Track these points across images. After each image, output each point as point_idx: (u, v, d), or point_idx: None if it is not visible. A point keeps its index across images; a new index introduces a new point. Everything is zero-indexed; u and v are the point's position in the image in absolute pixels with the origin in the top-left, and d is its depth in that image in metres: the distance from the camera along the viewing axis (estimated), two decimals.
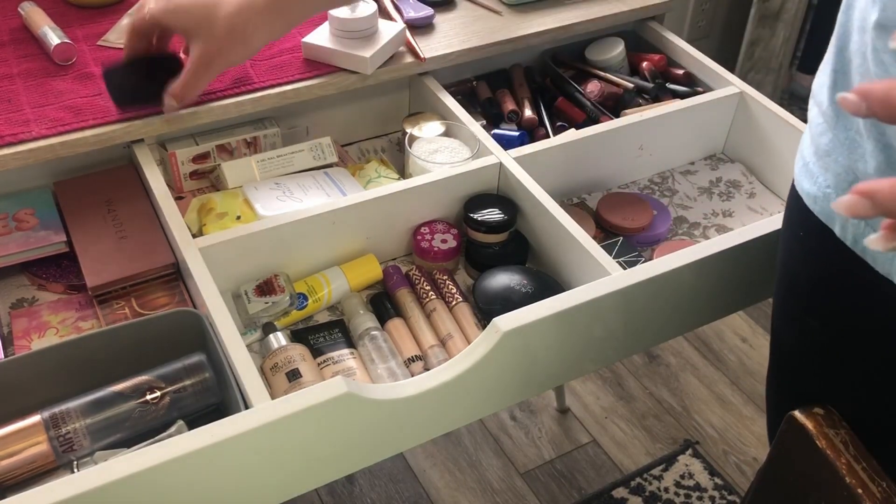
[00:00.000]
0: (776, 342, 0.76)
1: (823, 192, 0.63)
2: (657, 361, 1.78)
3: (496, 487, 1.53)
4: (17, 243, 0.86)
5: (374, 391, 0.70)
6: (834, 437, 0.62)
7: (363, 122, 1.09)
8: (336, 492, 1.52)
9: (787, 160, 1.05)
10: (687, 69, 1.15)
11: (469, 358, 0.73)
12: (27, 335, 0.81)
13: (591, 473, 1.56)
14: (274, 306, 0.83)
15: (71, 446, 0.69)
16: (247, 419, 0.64)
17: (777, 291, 0.74)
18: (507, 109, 1.08)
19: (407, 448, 0.84)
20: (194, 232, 0.89)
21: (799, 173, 0.68)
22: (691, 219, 1.04)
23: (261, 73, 0.97)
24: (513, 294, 0.85)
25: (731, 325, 1.85)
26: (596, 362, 0.87)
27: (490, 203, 0.92)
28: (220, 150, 0.97)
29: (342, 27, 0.97)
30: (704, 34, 2.29)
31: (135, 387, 0.72)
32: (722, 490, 1.53)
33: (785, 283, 0.72)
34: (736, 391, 1.72)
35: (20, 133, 0.87)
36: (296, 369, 0.76)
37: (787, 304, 0.73)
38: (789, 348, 0.74)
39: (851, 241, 0.61)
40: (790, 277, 0.71)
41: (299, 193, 0.92)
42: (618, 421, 1.65)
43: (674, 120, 1.05)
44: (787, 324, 0.73)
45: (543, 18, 1.12)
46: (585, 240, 0.85)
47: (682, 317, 0.90)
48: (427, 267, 0.92)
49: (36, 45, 1.00)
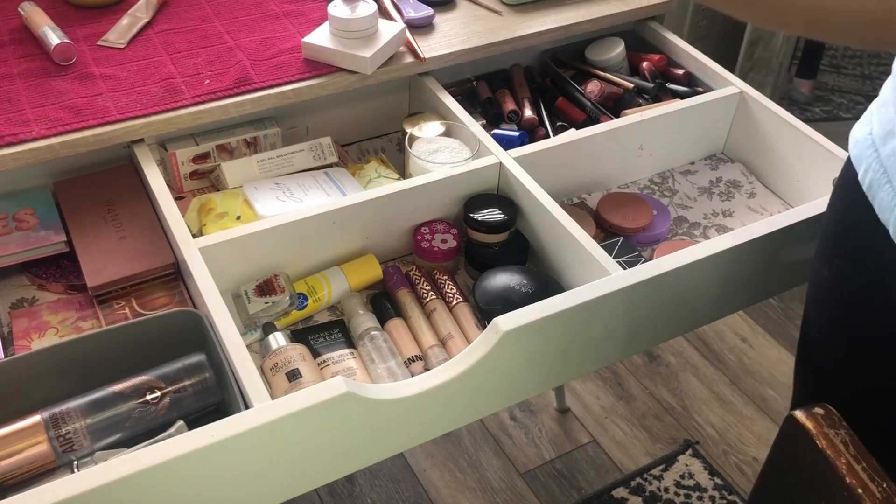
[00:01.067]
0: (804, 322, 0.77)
1: (865, 137, 0.64)
2: (657, 361, 1.77)
3: (496, 487, 1.53)
4: (17, 243, 0.86)
5: (374, 391, 0.70)
6: (834, 437, 0.62)
7: (363, 122, 1.09)
8: (336, 492, 1.52)
9: (788, 160, 1.05)
10: (687, 69, 1.15)
11: (469, 358, 0.73)
12: (27, 335, 0.81)
13: (591, 473, 1.56)
14: (274, 306, 0.83)
15: (71, 446, 0.69)
16: (247, 419, 0.64)
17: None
18: (507, 109, 1.08)
19: (407, 448, 0.84)
20: (194, 232, 0.89)
21: (859, 123, 0.68)
22: (691, 219, 1.04)
23: (261, 73, 0.97)
24: (513, 294, 0.85)
25: (731, 325, 1.85)
26: (596, 362, 0.87)
27: (490, 203, 0.92)
28: (220, 150, 0.97)
29: (342, 27, 0.97)
30: (704, 34, 2.28)
31: (135, 387, 0.72)
32: (722, 490, 1.53)
33: (817, 239, 0.73)
34: (736, 391, 1.71)
35: (20, 133, 0.87)
36: (296, 369, 0.76)
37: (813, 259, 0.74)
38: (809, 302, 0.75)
39: (867, 186, 0.62)
40: (822, 229, 0.72)
41: (299, 193, 0.92)
42: (618, 421, 1.65)
43: (674, 120, 1.05)
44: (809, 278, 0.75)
45: (543, 18, 1.12)
46: (585, 240, 0.85)
47: (682, 317, 0.90)
48: (427, 267, 0.92)
49: (36, 45, 1.00)
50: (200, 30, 1.05)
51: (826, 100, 2.39)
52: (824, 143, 1.00)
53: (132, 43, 1.02)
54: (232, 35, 1.04)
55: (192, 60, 0.99)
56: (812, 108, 2.35)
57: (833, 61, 2.55)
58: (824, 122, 2.29)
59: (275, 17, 1.08)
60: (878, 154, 0.61)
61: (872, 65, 2.55)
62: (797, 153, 1.03)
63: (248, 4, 1.11)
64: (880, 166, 0.61)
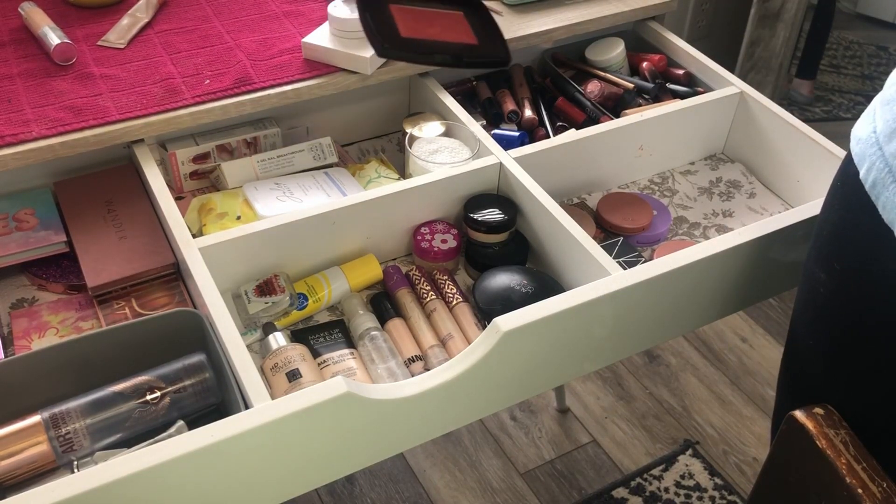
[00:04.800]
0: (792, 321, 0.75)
1: (868, 135, 0.63)
2: (657, 361, 1.77)
3: (496, 487, 1.53)
4: (17, 243, 0.86)
5: (374, 391, 0.70)
6: (834, 437, 0.62)
7: (363, 122, 1.09)
8: (336, 492, 1.52)
9: (787, 160, 1.05)
10: (687, 69, 1.15)
11: (469, 358, 0.73)
12: (27, 335, 0.81)
13: (591, 473, 1.56)
14: (274, 306, 0.83)
15: (71, 446, 0.69)
16: (247, 419, 0.64)
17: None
18: (507, 109, 1.08)
19: (407, 448, 0.84)
20: (194, 232, 0.89)
21: (860, 120, 0.67)
22: (691, 219, 1.04)
23: (261, 73, 0.97)
24: (513, 294, 0.85)
25: (731, 325, 1.85)
26: (596, 362, 0.87)
27: (490, 203, 0.92)
28: (220, 150, 0.97)
29: (342, 27, 0.97)
30: (704, 34, 2.28)
31: (135, 387, 0.72)
32: (722, 490, 1.53)
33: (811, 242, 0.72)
34: (736, 391, 1.71)
35: (20, 133, 0.87)
36: (296, 369, 0.76)
37: (806, 262, 0.73)
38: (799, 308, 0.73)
39: (870, 185, 0.61)
40: (816, 231, 0.71)
41: (299, 193, 0.92)
42: (618, 421, 1.65)
43: (674, 120, 1.05)
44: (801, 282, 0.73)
45: (543, 18, 1.12)
46: (585, 240, 0.85)
47: (682, 317, 0.90)
48: (427, 267, 0.92)
49: (36, 46, 1.00)
50: (200, 30, 1.05)
51: (826, 100, 2.39)
52: (824, 143, 1.00)
53: (132, 43, 1.02)
54: (232, 35, 1.04)
55: (192, 60, 0.99)
56: (812, 108, 2.35)
57: (833, 61, 2.55)
58: (824, 122, 2.29)
59: (275, 17, 1.08)
60: (883, 152, 0.60)
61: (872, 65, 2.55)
62: (797, 153, 1.03)
63: (248, 4, 1.11)
64: (885, 164, 0.60)
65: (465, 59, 0.71)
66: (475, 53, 0.72)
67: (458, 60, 0.71)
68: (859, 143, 0.64)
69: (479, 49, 0.73)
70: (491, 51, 0.72)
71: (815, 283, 0.70)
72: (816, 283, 0.70)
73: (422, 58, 0.77)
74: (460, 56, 0.71)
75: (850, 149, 0.66)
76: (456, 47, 0.72)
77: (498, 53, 0.71)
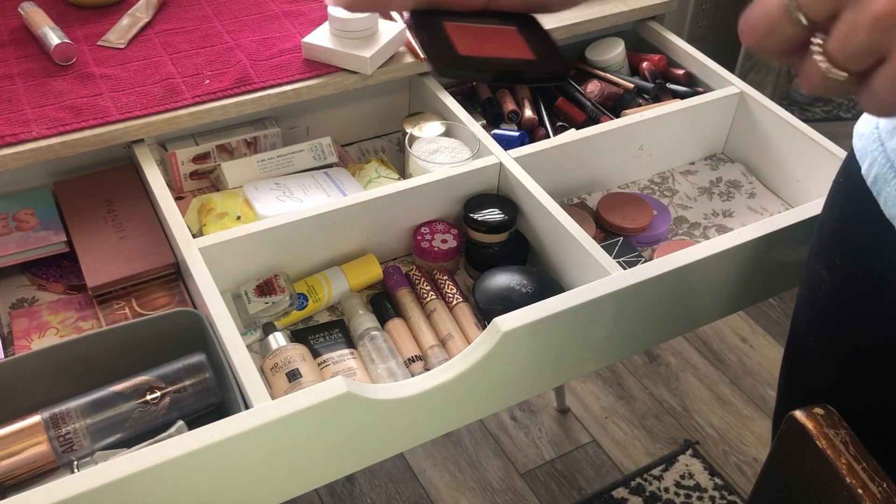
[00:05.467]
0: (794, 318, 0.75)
1: (870, 131, 0.63)
2: (657, 361, 1.77)
3: (496, 487, 1.53)
4: (17, 243, 0.86)
5: (374, 391, 0.70)
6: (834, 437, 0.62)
7: (363, 122, 1.09)
8: (336, 492, 1.52)
9: (788, 160, 1.05)
10: (687, 69, 1.15)
11: (469, 358, 0.73)
12: (27, 335, 0.81)
13: (591, 473, 1.56)
14: (274, 306, 0.83)
15: (71, 446, 0.69)
16: (247, 419, 0.64)
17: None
18: (507, 109, 1.08)
19: (407, 448, 0.84)
20: (194, 232, 0.89)
21: (863, 116, 0.67)
22: (691, 219, 1.04)
23: (261, 73, 0.97)
24: (513, 294, 0.85)
25: (731, 325, 1.85)
26: (596, 362, 0.87)
27: (490, 203, 0.92)
28: (220, 150, 0.97)
29: (342, 27, 0.97)
30: (704, 34, 2.28)
31: (135, 387, 0.72)
32: (722, 490, 1.53)
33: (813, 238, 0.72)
34: (736, 391, 1.71)
35: (20, 133, 0.87)
36: (296, 369, 0.76)
37: (807, 259, 0.72)
38: (800, 305, 0.73)
39: (872, 181, 0.61)
40: (818, 228, 0.71)
41: (299, 193, 0.92)
42: (618, 421, 1.65)
43: (674, 120, 1.05)
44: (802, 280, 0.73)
45: (543, 18, 1.11)
46: (585, 240, 0.85)
47: (682, 317, 0.90)
48: (427, 267, 0.92)
49: (36, 45, 1.00)
50: (200, 30, 1.05)
51: (826, 100, 2.39)
52: (824, 143, 1.00)
53: (132, 43, 1.02)
54: (232, 35, 1.04)
55: (192, 60, 0.99)
56: (812, 108, 2.35)
57: None
58: (824, 122, 2.29)
59: (275, 17, 1.08)
60: (885, 148, 0.60)
61: None
62: (797, 153, 1.03)
63: (248, 4, 1.11)
64: (887, 160, 0.60)
65: (525, 76, 0.71)
66: (535, 69, 0.72)
67: (518, 77, 0.72)
68: (861, 139, 0.64)
69: (538, 64, 0.73)
70: (550, 65, 0.72)
71: (816, 280, 0.70)
72: (818, 280, 0.70)
73: (482, 76, 0.77)
74: (520, 72, 0.71)
75: (853, 144, 0.66)
76: (515, 63, 0.72)
77: (557, 67, 0.71)
